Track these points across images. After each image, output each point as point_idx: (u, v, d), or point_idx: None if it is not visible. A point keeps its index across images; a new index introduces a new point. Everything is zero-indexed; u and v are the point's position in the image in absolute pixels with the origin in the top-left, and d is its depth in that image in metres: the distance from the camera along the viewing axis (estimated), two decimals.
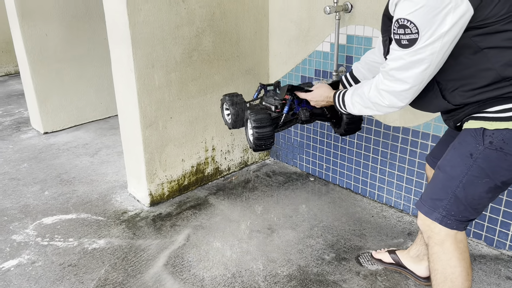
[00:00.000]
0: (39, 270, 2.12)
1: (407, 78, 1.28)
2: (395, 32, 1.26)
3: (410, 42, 1.22)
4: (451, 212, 1.39)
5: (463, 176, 1.34)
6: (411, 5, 1.19)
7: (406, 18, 1.21)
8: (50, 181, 3.04)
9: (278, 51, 2.96)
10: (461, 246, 1.43)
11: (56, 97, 3.94)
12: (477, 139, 1.31)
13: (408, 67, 1.26)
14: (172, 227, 2.46)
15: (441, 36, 1.19)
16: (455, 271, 1.43)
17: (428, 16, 1.17)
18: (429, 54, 1.22)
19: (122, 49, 2.37)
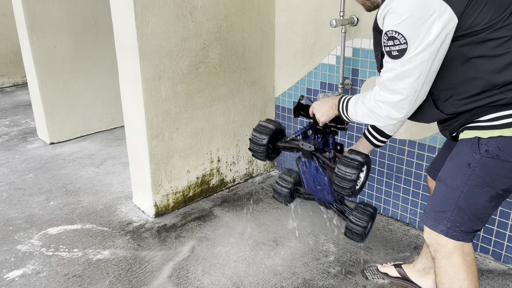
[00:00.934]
0: (43, 280, 2.11)
1: (400, 89, 1.31)
2: (385, 44, 1.30)
3: (400, 53, 1.26)
4: (455, 224, 1.38)
5: (463, 186, 1.35)
6: (397, 16, 1.23)
7: (393, 30, 1.25)
8: (55, 191, 3.05)
9: (284, 64, 2.98)
10: (468, 259, 1.42)
11: (63, 107, 3.97)
12: (473, 149, 1.33)
13: (401, 77, 1.29)
14: (176, 238, 2.45)
15: (428, 44, 1.22)
16: (462, 284, 1.41)
17: (414, 26, 1.21)
18: (419, 63, 1.25)
19: (129, 61, 2.39)
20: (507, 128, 1.27)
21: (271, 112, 3.16)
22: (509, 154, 1.28)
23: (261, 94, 3.04)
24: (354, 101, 1.55)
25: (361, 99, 1.50)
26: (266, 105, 3.11)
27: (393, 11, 1.24)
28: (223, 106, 2.84)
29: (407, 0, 1.21)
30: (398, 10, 1.23)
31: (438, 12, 1.18)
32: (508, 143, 1.28)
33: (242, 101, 2.95)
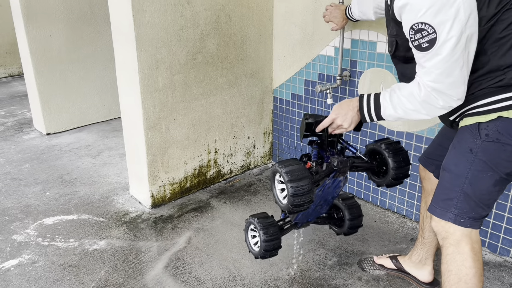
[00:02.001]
0: (39, 270, 2.11)
1: (448, 86, 1.26)
2: (413, 39, 1.26)
3: (430, 43, 1.22)
4: (463, 210, 1.39)
5: (467, 172, 1.36)
6: (419, 8, 1.20)
7: (419, 22, 1.21)
8: (51, 182, 3.04)
9: (282, 55, 2.96)
10: (476, 247, 1.42)
11: (59, 98, 3.95)
12: (473, 134, 1.34)
13: (448, 73, 1.25)
14: (173, 229, 2.44)
15: (462, 31, 1.19)
16: (469, 272, 1.41)
17: (440, 14, 1.18)
18: (460, 53, 1.21)
19: (126, 50, 2.37)
20: (506, 111, 1.28)
21: (268, 104, 3.14)
22: (508, 137, 1.29)
23: (259, 85, 3.03)
24: (387, 97, 1.43)
25: (400, 93, 1.39)
26: (264, 97, 3.10)
27: (412, 4, 1.21)
28: (220, 97, 2.82)
29: None
30: (418, 1, 1.20)
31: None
32: (507, 126, 1.28)
33: (240, 92, 2.93)
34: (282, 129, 3.16)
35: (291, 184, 1.51)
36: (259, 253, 1.85)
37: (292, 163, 1.56)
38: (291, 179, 1.51)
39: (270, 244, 1.80)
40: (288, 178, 1.51)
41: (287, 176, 1.51)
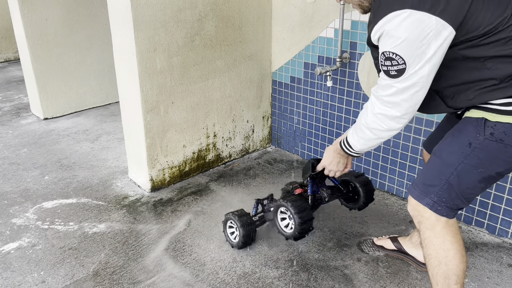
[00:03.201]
0: (39, 253, 2.11)
1: (401, 101, 1.30)
2: (383, 64, 1.28)
3: (399, 72, 1.25)
4: (442, 199, 1.38)
5: (459, 164, 1.34)
6: (393, 39, 1.21)
7: (390, 51, 1.23)
8: (50, 166, 3.03)
9: (281, 37, 2.93)
10: (453, 229, 1.43)
11: (56, 82, 3.91)
12: (477, 129, 1.30)
13: (401, 92, 1.29)
14: (173, 212, 2.45)
15: (427, 61, 1.21)
16: (448, 254, 1.42)
17: (411, 48, 1.20)
18: (419, 78, 1.24)
19: (124, 32, 2.34)
20: None
21: (267, 87, 3.12)
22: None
23: (257, 68, 3.00)
24: (351, 132, 1.54)
25: (357, 124, 1.49)
26: (263, 80, 3.07)
27: (388, 33, 1.22)
28: (219, 80, 2.80)
29: (402, 22, 1.18)
30: (393, 34, 1.21)
31: (435, 31, 1.17)
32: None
33: (239, 75, 2.91)
34: (281, 112, 3.15)
35: (298, 215, 1.87)
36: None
37: (295, 198, 1.93)
38: (299, 212, 1.87)
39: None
40: (295, 210, 1.87)
41: (294, 209, 1.87)
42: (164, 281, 1.91)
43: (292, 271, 1.97)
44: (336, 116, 2.74)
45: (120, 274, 1.96)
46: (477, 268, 1.97)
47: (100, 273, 1.97)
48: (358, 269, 1.97)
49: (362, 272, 1.95)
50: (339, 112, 2.71)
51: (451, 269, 1.42)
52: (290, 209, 1.89)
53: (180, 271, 1.98)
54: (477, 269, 1.96)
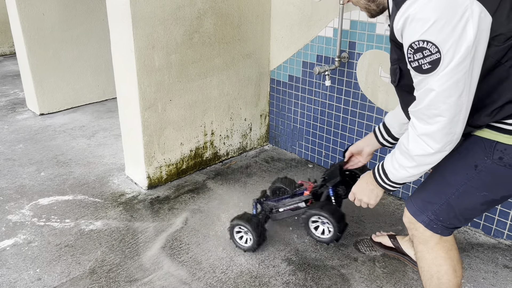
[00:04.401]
0: (35, 250, 2.10)
1: (442, 112, 1.10)
2: (412, 59, 1.10)
3: (433, 65, 1.06)
4: (439, 217, 1.34)
5: (461, 185, 1.28)
6: (421, 23, 1.05)
7: (420, 40, 1.06)
8: (46, 162, 3.01)
9: (280, 36, 2.92)
10: (447, 245, 1.39)
11: (53, 78, 3.89)
12: (486, 151, 1.22)
13: (441, 99, 1.09)
14: (170, 210, 2.44)
15: (468, 50, 1.03)
16: (440, 269, 1.40)
17: (445, 30, 1.02)
18: (461, 75, 1.05)
19: (122, 28, 2.33)
20: None
21: (266, 85, 3.12)
22: None
23: (256, 66, 3.00)
24: (389, 160, 1.34)
25: (397, 151, 1.29)
26: (261, 78, 3.07)
27: (414, 17, 1.05)
28: (217, 78, 2.79)
29: (429, 2, 1.02)
30: (420, 16, 1.04)
31: (471, 10, 1.00)
32: None
33: (237, 73, 2.90)
34: (279, 111, 3.15)
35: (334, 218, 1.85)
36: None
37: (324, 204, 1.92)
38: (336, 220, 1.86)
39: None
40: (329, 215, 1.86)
41: (328, 214, 1.86)
42: (161, 280, 1.91)
43: (289, 270, 1.97)
44: (334, 115, 2.74)
45: (116, 272, 1.96)
46: (473, 269, 1.98)
47: (96, 270, 1.96)
48: (355, 269, 1.98)
49: (359, 272, 1.96)
50: (337, 112, 2.71)
51: (443, 283, 1.42)
52: (326, 215, 1.86)
53: (177, 269, 1.98)
54: (473, 270, 1.97)
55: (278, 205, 2.11)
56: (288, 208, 2.07)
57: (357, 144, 1.83)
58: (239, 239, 2.09)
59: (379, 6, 1.30)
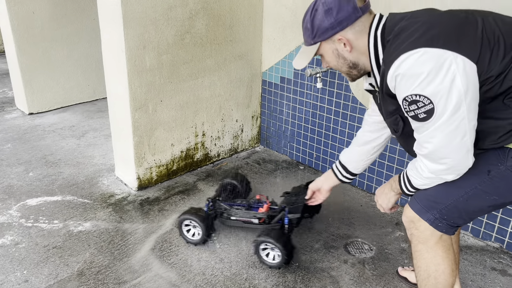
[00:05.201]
0: (22, 251, 2.07)
1: (448, 154, 1.20)
2: (408, 110, 1.20)
3: (428, 114, 1.15)
4: (444, 216, 1.35)
5: (471, 189, 1.29)
6: (412, 80, 1.14)
7: (413, 94, 1.15)
8: (35, 163, 2.98)
9: (272, 37, 2.92)
10: (445, 244, 1.40)
11: (42, 77, 3.85)
12: (499, 158, 1.24)
13: (445, 143, 1.18)
14: (160, 211, 2.43)
15: (461, 99, 1.11)
16: (438, 268, 1.41)
17: (434, 83, 1.11)
18: (459, 122, 1.14)
19: (113, 28, 2.31)
20: None
21: (257, 87, 3.12)
22: None
23: (248, 68, 2.99)
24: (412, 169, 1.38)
25: (417, 174, 1.34)
26: (253, 80, 3.07)
27: (405, 75, 1.15)
28: (208, 79, 2.78)
29: (418, 59, 1.12)
30: (411, 73, 1.14)
31: (456, 64, 1.10)
32: None
33: (229, 74, 2.89)
34: (270, 113, 3.14)
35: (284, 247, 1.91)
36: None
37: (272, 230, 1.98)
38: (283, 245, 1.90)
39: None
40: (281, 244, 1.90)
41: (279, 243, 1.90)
42: (150, 282, 1.90)
43: (279, 272, 1.97)
44: (325, 117, 2.75)
45: (105, 274, 1.94)
46: (461, 271, 1.99)
47: (85, 272, 1.94)
48: (344, 271, 1.98)
49: (349, 274, 1.96)
50: (328, 114, 2.72)
51: (440, 282, 1.42)
52: (272, 241, 1.91)
53: (167, 271, 1.96)
54: (461, 272, 1.98)
55: (231, 211, 2.17)
56: (240, 220, 2.15)
57: (316, 182, 1.99)
58: (187, 232, 2.14)
59: (360, 71, 1.41)
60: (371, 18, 1.34)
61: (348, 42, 1.34)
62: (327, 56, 1.42)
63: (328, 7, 1.32)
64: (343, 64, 1.41)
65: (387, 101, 1.33)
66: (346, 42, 1.35)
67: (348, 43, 1.35)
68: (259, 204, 2.17)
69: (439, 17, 1.23)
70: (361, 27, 1.33)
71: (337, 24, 1.32)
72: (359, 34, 1.33)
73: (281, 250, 1.90)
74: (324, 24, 1.33)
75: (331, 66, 1.45)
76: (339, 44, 1.36)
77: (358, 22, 1.32)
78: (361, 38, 1.34)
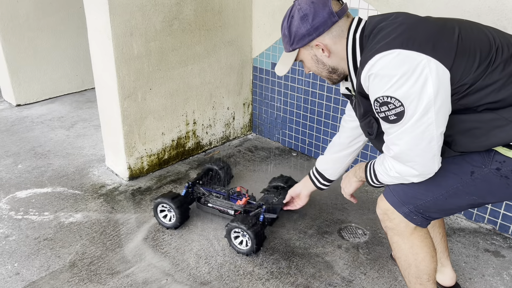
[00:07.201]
0: (13, 244, 2.04)
1: (415, 157, 1.20)
2: (378, 111, 1.20)
3: (399, 116, 1.16)
4: (419, 210, 1.34)
5: (452, 188, 1.28)
6: (384, 80, 1.14)
7: (384, 95, 1.15)
8: (23, 154, 2.93)
9: (262, 22, 2.88)
10: (421, 234, 1.40)
11: (29, 67, 3.77)
12: (484, 160, 1.22)
13: (411, 146, 1.19)
14: (152, 201, 2.40)
15: (430, 103, 1.12)
16: (417, 257, 1.41)
17: (406, 86, 1.11)
18: (426, 127, 1.15)
19: (99, 15, 2.25)
20: None
21: (248, 73, 3.08)
22: None
23: (238, 54, 2.95)
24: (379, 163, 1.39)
25: (384, 172, 1.34)
26: (244, 66, 3.03)
27: (378, 75, 1.15)
28: (198, 66, 2.74)
29: (391, 61, 1.12)
30: (383, 73, 1.14)
31: (429, 68, 1.10)
32: None
33: (219, 61, 2.85)
34: (262, 99, 3.11)
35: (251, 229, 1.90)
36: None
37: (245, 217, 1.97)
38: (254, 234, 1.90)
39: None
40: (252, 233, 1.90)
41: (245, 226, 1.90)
42: (144, 271, 1.88)
43: (273, 259, 1.96)
44: (317, 103, 2.73)
45: (98, 264, 1.92)
46: (455, 253, 2.00)
47: (77, 264, 1.92)
48: (338, 256, 1.98)
49: (343, 259, 1.96)
50: (320, 100, 2.70)
51: (421, 269, 1.42)
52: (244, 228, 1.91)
53: (160, 260, 1.95)
54: (455, 254, 1.99)
55: (209, 198, 2.17)
56: (217, 208, 2.15)
57: (294, 188, 2.02)
58: (163, 218, 2.15)
59: (340, 75, 1.42)
60: (349, 21, 1.34)
61: (326, 47, 1.34)
62: (307, 62, 1.43)
63: (303, 13, 1.31)
64: (322, 69, 1.41)
65: (362, 102, 1.33)
66: (324, 48, 1.35)
67: (326, 49, 1.35)
68: (238, 197, 2.16)
69: (418, 21, 1.24)
70: (338, 31, 1.33)
71: (313, 30, 1.32)
72: (337, 38, 1.33)
73: (252, 239, 1.90)
74: (300, 30, 1.33)
75: (311, 71, 1.46)
76: (317, 50, 1.37)
77: (335, 27, 1.32)
78: (339, 42, 1.34)
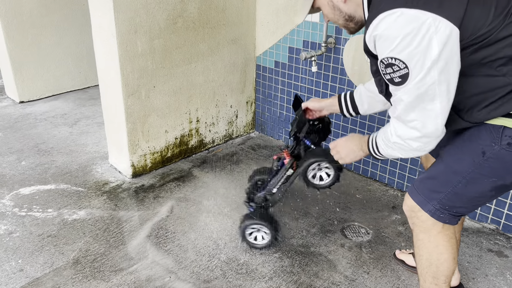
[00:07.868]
0: (17, 240, 2.05)
1: (418, 117, 1.18)
2: (384, 72, 1.19)
3: (403, 78, 1.14)
4: (445, 206, 1.32)
5: (468, 173, 1.25)
6: (388, 42, 1.12)
7: (388, 57, 1.13)
8: (27, 151, 2.94)
9: (266, 21, 2.88)
10: (448, 233, 1.38)
11: (32, 65, 3.78)
12: (493, 137, 1.19)
13: (413, 106, 1.16)
14: (155, 198, 2.41)
15: (433, 63, 1.09)
16: (441, 257, 1.40)
17: (410, 48, 1.09)
18: (429, 85, 1.12)
19: (103, 13, 2.25)
20: None
21: (251, 72, 3.08)
22: None
23: (241, 52, 2.95)
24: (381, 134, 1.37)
25: (385, 139, 1.32)
26: (247, 64, 3.02)
27: (382, 35, 1.13)
28: (202, 64, 2.74)
29: (395, 21, 1.09)
30: (387, 34, 1.11)
31: (434, 27, 1.06)
32: None
33: (222, 59, 2.85)
34: (265, 98, 3.11)
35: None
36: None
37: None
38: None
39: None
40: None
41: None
42: (147, 269, 1.89)
43: (276, 257, 1.96)
44: None
45: (101, 261, 1.93)
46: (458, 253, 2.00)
47: (80, 260, 1.93)
48: (341, 255, 1.98)
49: (346, 258, 1.96)
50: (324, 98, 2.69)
51: (441, 270, 1.41)
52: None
53: (163, 258, 1.95)
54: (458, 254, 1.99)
55: (270, 188, 1.98)
56: (280, 184, 1.96)
57: (319, 103, 1.81)
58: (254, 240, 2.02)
59: (357, 23, 1.37)
60: None
61: None
62: (324, 9, 1.39)
63: None
64: (339, 16, 1.36)
65: (370, 59, 1.31)
66: None
67: None
68: (283, 161, 2.00)
69: None
70: None
71: None
72: None
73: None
74: None
75: (329, 18, 1.40)
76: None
77: None
78: None
